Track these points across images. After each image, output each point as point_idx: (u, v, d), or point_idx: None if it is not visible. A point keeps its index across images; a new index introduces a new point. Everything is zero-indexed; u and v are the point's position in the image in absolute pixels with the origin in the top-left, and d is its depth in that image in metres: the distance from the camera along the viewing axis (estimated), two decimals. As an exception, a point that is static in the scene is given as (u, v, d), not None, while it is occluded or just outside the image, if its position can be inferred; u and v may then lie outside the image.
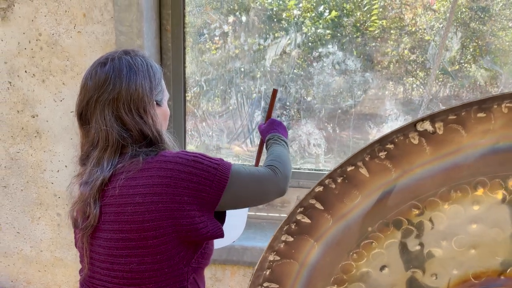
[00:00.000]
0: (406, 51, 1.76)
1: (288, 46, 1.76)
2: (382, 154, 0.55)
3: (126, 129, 0.94)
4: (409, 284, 0.63)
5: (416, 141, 0.55)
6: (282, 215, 1.98)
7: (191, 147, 1.92)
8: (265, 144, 1.25)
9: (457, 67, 1.77)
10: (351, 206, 0.58)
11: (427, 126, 0.53)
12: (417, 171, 0.56)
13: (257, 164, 1.44)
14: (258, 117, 1.86)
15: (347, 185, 0.57)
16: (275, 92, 1.34)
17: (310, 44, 1.77)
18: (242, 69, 1.80)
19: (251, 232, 1.88)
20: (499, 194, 0.57)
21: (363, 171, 0.56)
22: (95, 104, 0.94)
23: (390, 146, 0.55)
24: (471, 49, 1.76)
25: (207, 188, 0.91)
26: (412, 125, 0.53)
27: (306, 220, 0.59)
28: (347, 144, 1.88)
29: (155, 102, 1.00)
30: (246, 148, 1.91)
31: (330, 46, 1.75)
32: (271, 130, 1.27)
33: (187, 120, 1.85)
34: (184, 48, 1.74)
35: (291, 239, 0.60)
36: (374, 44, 1.74)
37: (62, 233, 1.79)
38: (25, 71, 1.58)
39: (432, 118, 0.53)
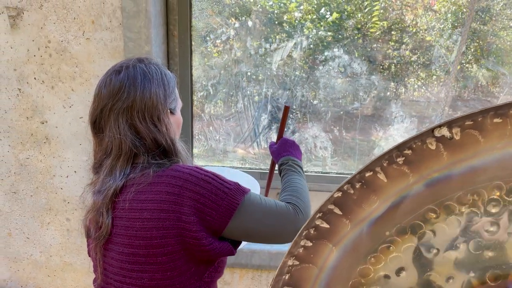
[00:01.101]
0: (407, 52, 1.77)
1: (294, 50, 1.77)
2: (400, 160, 0.56)
3: (139, 137, 0.93)
4: (426, 287, 0.64)
5: (433, 147, 0.55)
6: (289, 218, 1.99)
7: (196, 151, 1.93)
8: (278, 168, 1.18)
9: (458, 67, 1.78)
10: (369, 211, 0.59)
11: (444, 132, 0.54)
12: (434, 176, 0.57)
13: (268, 185, 1.40)
14: (265, 120, 1.87)
15: (366, 190, 0.58)
16: (286, 109, 1.25)
17: (312, 46, 1.78)
18: (249, 73, 1.82)
19: (259, 235, 1.89)
20: (515, 198, 0.58)
21: (381, 176, 0.57)
22: (109, 112, 0.94)
23: (408, 151, 0.56)
24: (472, 50, 1.77)
25: (213, 212, 0.88)
26: (430, 131, 0.54)
27: (325, 225, 0.60)
28: (353, 146, 1.89)
29: (169, 110, 1.00)
30: (253, 151, 1.92)
31: (336, 50, 1.76)
32: (284, 153, 1.20)
33: (194, 125, 1.87)
34: (191, 53, 1.76)
35: (310, 244, 0.61)
36: (375, 45, 1.75)
37: (72, 238, 1.81)
38: (34, 78, 1.60)
39: (449, 124, 0.54)
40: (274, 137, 1.91)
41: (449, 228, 0.61)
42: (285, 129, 1.62)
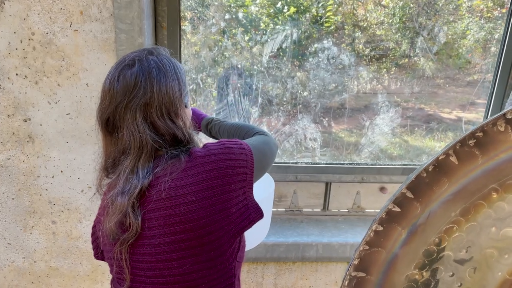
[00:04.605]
0: (360, 46, 1.83)
1: (285, 41, 1.78)
2: (471, 142, 0.59)
3: (159, 134, 0.92)
4: (485, 263, 0.67)
5: (502, 128, 0.58)
6: (280, 209, 2.01)
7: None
8: (205, 129, 1.32)
9: (406, 60, 1.87)
10: (439, 193, 0.61)
11: (516, 114, 0.57)
12: (501, 156, 0.60)
13: None
14: (256, 113, 1.87)
15: (437, 173, 0.60)
16: None
17: (297, 40, 1.79)
18: (239, 66, 1.80)
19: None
20: None
21: (453, 159, 0.59)
22: (124, 109, 0.90)
23: (480, 134, 0.58)
24: (419, 43, 1.86)
25: (245, 169, 0.94)
26: (502, 115, 0.57)
27: (396, 209, 0.62)
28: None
29: (184, 105, 0.99)
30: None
31: (326, 41, 1.79)
32: (200, 116, 1.36)
33: (183, 119, 1.83)
34: (180, 46, 1.71)
35: (380, 228, 0.62)
36: (330, 39, 1.79)
37: (58, 242, 1.72)
38: (16, 74, 1.49)
39: (520, 106, 0.57)
40: (264, 128, 1.91)
41: (508, 206, 0.64)
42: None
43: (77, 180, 1.63)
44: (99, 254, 1.08)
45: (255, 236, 1.40)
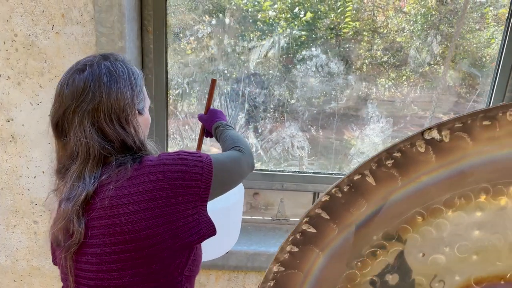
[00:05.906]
0: (379, 53, 1.79)
1: (272, 48, 1.75)
2: (389, 163, 0.55)
3: (108, 140, 0.90)
4: (413, 291, 0.63)
5: (422, 149, 0.55)
6: (266, 217, 1.98)
7: (171, 151, 1.88)
8: (214, 132, 1.31)
9: (427, 68, 1.81)
10: (357, 215, 0.58)
11: (434, 134, 0.53)
12: (423, 179, 0.56)
13: (199, 148, 1.46)
14: (242, 119, 1.85)
15: (354, 194, 0.57)
16: (213, 82, 1.37)
17: (289, 45, 1.76)
18: (226, 71, 1.78)
19: (236, 235, 1.87)
20: (502, 201, 0.58)
21: (370, 179, 0.56)
22: (72, 114, 0.88)
23: (397, 154, 0.55)
24: (440, 51, 1.80)
25: (199, 182, 0.90)
26: (420, 134, 0.53)
27: (312, 230, 0.58)
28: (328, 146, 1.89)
29: (137, 111, 0.97)
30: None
31: (314, 49, 1.75)
32: (216, 119, 1.33)
33: (169, 123, 1.82)
34: (167, 50, 1.71)
35: (296, 249, 0.59)
36: (348, 45, 1.75)
37: (40, 241, 1.73)
38: None
39: (439, 126, 0.53)
40: (251, 135, 1.89)
41: (436, 232, 0.60)
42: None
43: (52, 184, 1.64)
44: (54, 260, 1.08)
45: (222, 245, 1.38)
